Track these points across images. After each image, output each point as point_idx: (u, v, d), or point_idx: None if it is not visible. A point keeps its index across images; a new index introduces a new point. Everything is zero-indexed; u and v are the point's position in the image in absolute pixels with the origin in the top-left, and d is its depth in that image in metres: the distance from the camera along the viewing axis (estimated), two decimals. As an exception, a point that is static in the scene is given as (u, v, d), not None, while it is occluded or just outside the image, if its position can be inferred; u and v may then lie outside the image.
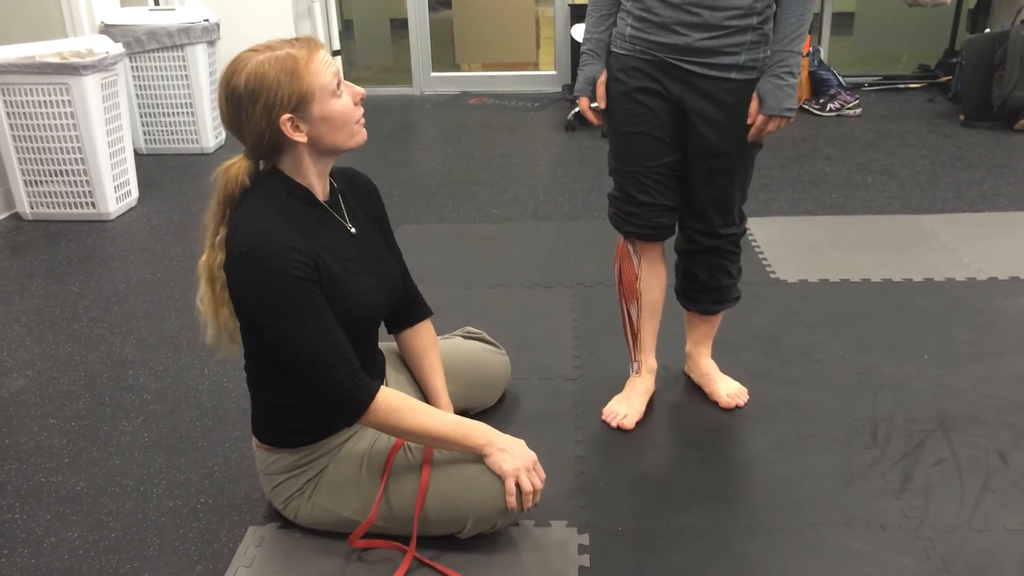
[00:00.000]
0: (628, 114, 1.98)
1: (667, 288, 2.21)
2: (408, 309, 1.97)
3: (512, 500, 1.67)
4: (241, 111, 1.58)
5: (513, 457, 1.68)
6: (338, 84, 1.62)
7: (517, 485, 1.68)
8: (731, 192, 2.04)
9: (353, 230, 1.76)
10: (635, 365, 2.24)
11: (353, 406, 1.62)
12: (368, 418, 1.64)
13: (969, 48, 4.86)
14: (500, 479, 1.68)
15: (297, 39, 1.61)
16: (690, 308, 2.25)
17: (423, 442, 1.69)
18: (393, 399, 1.65)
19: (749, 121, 1.93)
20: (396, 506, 1.72)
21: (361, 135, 1.69)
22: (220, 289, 1.68)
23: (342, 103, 1.63)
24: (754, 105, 1.91)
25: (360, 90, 1.67)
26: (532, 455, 1.71)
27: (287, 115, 1.57)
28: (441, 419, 1.68)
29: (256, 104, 1.56)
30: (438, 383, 1.98)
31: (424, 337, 1.99)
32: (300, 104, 1.58)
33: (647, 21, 1.90)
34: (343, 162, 1.81)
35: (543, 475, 1.72)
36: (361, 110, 1.68)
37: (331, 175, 1.77)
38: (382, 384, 1.66)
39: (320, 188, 1.70)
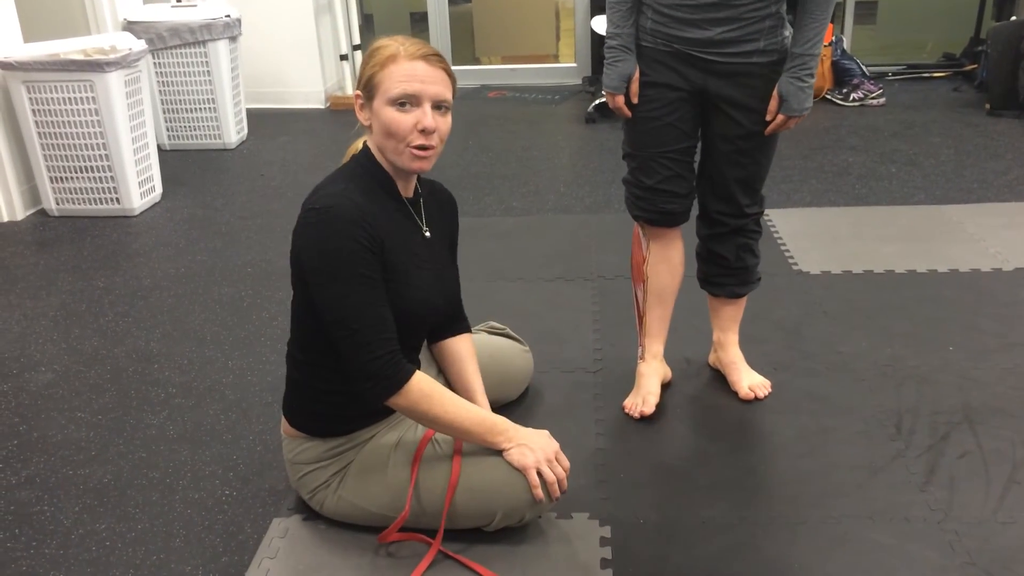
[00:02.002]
0: (645, 100, 2.01)
1: (682, 279, 2.21)
2: (451, 323, 1.98)
3: (538, 492, 1.67)
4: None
5: (532, 450, 1.69)
6: (404, 101, 1.61)
7: (541, 476, 1.68)
8: (757, 171, 2.07)
9: (428, 233, 1.79)
10: (640, 350, 2.24)
11: (387, 383, 1.61)
12: (399, 399, 1.63)
13: (995, 36, 4.80)
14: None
15: (416, 40, 1.67)
16: (716, 293, 2.25)
17: (446, 432, 1.70)
18: (426, 384, 1.65)
19: (768, 118, 1.98)
20: (425, 500, 1.73)
21: (406, 158, 1.64)
22: None
23: (395, 116, 1.62)
24: (774, 103, 1.96)
25: (429, 122, 1.62)
26: (554, 445, 1.72)
27: (359, 91, 1.66)
28: (468, 411, 1.68)
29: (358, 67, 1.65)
30: (477, 388, 1.96)
31: (464, 347, 1.98)
32: (367, 88, 1.65)
33: (667, 16, 1.92)
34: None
35: (567, 464, 1.72)
36: (419, 139, 1.63)
37: (418, 180, 1.80)
38: (418, 370, 1.67)
39: (402, 185, 1.74)
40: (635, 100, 2.03)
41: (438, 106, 1.65)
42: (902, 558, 1.69)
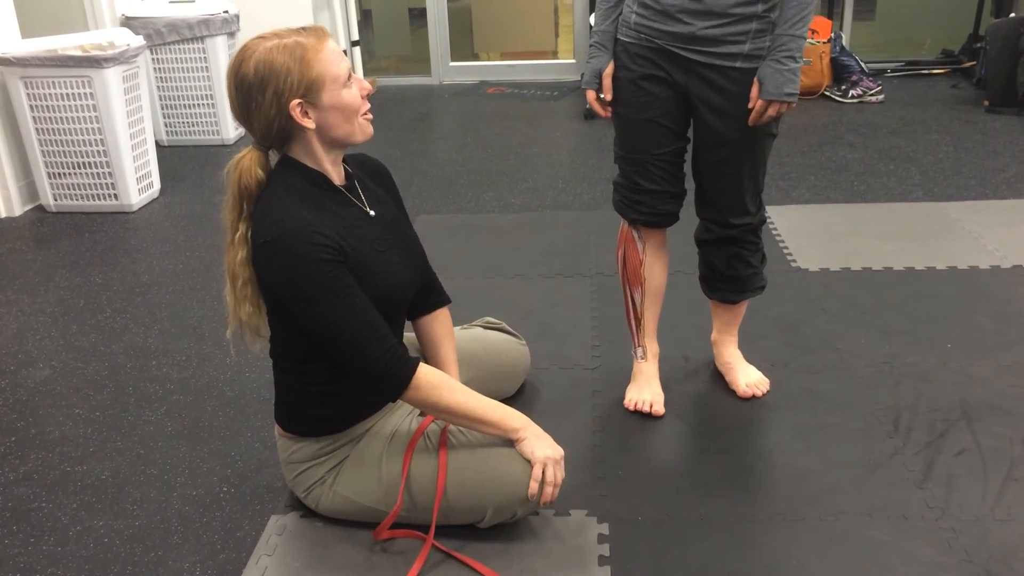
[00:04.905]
0: (635, 102, 1.98)
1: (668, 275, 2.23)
2: (427, 295, 1.97)
3: (535, 486, 1.67)
4: (251, 99, 1.59)
5: (545, 445, 1.70)
6: (348, 76, 1.63)
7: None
8: (740, 182, 2.02)
9: (372, 212, 1.76)
10: (639, 351, 2.24)
11: (396, 381, 1.63)
12: (410, 393, 1.65)
13: (994, 33, 4.79)
14: (521, 469, 1.69)
15: (305, 28, 1.62)
16: (712, 297, 2.25)
17: (459, 421, 1.70)
18: (433, 376, 1.67)
19: (749, 106, 1.92)
20: (417, 495, 1.73)
21: (368, 129, 1.69)
22: (241, 286, 1.69)
23: (352, 93, 1.64)
24: (754, 90, 1.90)
25: (367, 85, 1.68)
26: (561, 451, 1.72)
27: (297, 100, 1.58)
28: (478, 400, 1.69)
29: (266, 91, 1.57)
30: (452, 372, 1.98)
31: (441, 326, 1.99)
32: (310, 90, 1.58)
33: (651, 9, 1.90)
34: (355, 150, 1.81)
35: (562, 475, 1.72)
36: (368, 104, 1.68)
37: (344, 161, 1.78)
38: (420, 360, 1.67)
39: (336, 174, 1.71)
40: (608, 96, 2.02)
41: None
42: (900, 555, 1.69)
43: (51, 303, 2.94)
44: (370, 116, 1.69)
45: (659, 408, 2.17)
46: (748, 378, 2.25)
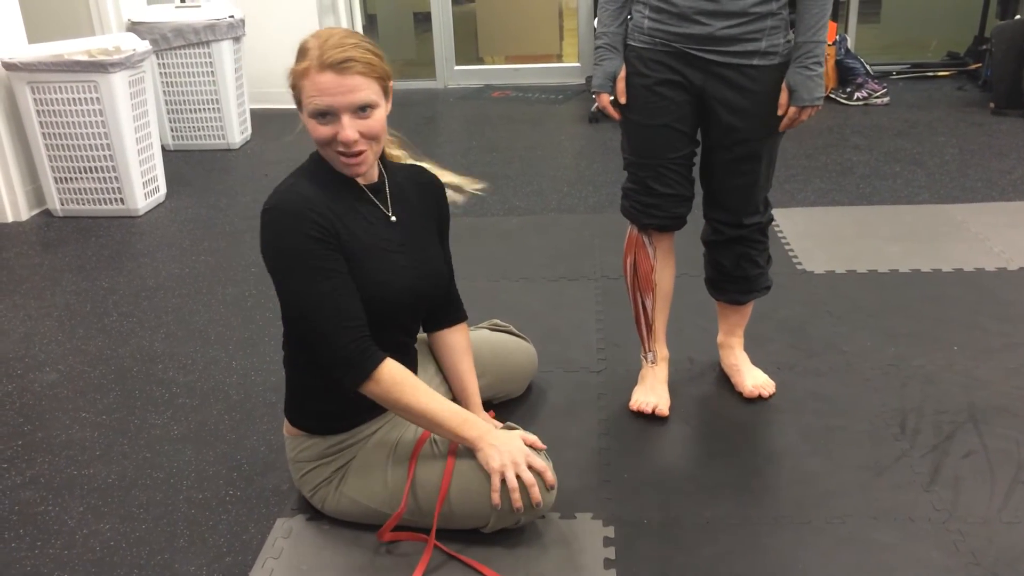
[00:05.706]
0: (651, 108, 1.98)
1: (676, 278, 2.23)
2: (445, 310, 1.98)
3: (496, 497, 1.65)
4: None
5: (500, 453, 1.66)
6: (323, 112, 1.57)
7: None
8: (755, 179, 2.03)
9: (393, 218, 1.77)
10: (650, 355, 2.24)
11: (355, 372, 1.62)
12: (370, 386, 1.63)
13: (999, 35, 4.79)
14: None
15: (332, 42, 1.56)
16: (719, 298, 2.25)
17: (419, 422, 1.68)
18: (398, 372, 1.65)
19: (780, 112, 1.94)
20: (422, 499, 1.73)
21: (339, 164, 1.64)
22: None
23: (316, 128, 1.60)
24: (784, 97, 1.92)
25: (345, 135, 1.58)
26: (524, 450, 1.68)
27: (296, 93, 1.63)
28: (440, 404, 1.67)
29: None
30: (470, 385, 1.97)
31: (459, 340, 1.99)
32: (295, 95, 1.62)
33: (665, 12, 1.90)
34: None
35: (541, 466, 1.68)
36: (341, 148, 1.60)
37: (390, 167, 1.79)
38: (388, 358, 1.66)
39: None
40: (622, 100, 2.02)
41: (362, 108, 1.58)
42: (906, 558, 1.69)
43: (58, 307, 2.95)
44: (348, 161, 1.62)
45: (664, 411, 2.17)
46: (754, 380, 2.25)
